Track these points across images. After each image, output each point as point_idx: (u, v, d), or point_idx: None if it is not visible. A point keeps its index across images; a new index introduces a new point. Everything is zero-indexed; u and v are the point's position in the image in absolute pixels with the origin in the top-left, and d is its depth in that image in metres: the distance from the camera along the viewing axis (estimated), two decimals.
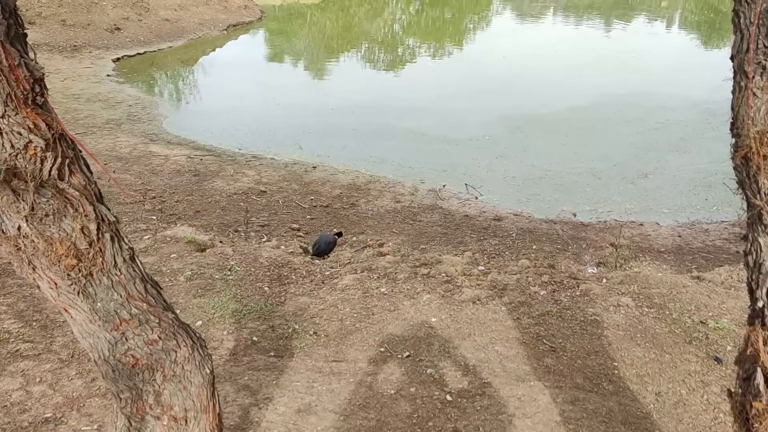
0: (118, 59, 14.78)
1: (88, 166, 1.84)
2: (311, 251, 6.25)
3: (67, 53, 14.53)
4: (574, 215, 8.17)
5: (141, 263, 2.08)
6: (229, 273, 5.14)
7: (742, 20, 1.42)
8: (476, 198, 8.64)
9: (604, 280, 5.33)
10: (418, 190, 8.78)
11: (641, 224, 7.91)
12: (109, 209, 1.90)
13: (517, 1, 27.63)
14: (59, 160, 1.69)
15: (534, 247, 7.18)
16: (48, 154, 1.65)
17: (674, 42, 19.99)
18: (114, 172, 8.62)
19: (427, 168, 9.45)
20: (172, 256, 5.40)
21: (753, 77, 1.37)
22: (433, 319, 4.43)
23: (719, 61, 17.48)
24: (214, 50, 16.88)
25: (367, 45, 18.93)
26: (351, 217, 7.94)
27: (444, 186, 8.88)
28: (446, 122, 11.57)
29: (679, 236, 7.60)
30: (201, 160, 9.53)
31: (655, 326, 4.34)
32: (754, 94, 1.42)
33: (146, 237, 5.89)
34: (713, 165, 9.67)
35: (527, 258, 6.27)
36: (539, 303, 4.67)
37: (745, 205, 1.64)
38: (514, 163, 9.64)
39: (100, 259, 1.87)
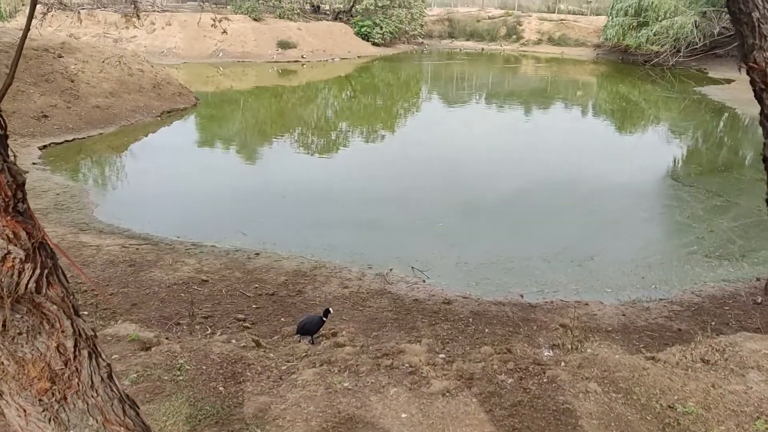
0: (44, 147, 14.26)
1: (65, 275, 1.64)
2: (296, 330, 6.13)
3: None
4: (522, 296, 8.22)
5: (117, 380, 1.85)
6: (178, 373, 4.79)
7: None
8: (423, 281, 8.59)
9: (563, 364, 5.28)
10: (365, 275, 8.65)
11: (586, 304, 8.03)
12: (85, 321, 1.69)
13: (443, 88, 28.82)
14: (38, 271, 1.50)
15: (486, 330, 7.12)
16: (27, 265, 1.46)
17: (593, 128, 21.18)
18: None
19: (379, 255, 9.36)
20: (114, 356, 4.99)
21: None
22: (404, 415, 4.22)
23: (636, 145, 18.64)
24: (147, 136, 16.58)
25: (304, 131, 19.10)
26: (298, 304, 7.69)
27: (391, 270, 8.80)
28: (395, 209, 11.64)
29: (623, 315, 7.73)
30: (136, 249, 9.11)
31: (627, 413, 4.28)
32: None
33: None
34: (650, 245, 10.07)
35: (484, 343, 6.18)
36: (509, 392, 4.54)
37: None
38: (468, 249, 9.71)
39: (76, 379, 1.64)
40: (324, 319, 6.27)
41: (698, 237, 10.22)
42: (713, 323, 7.26)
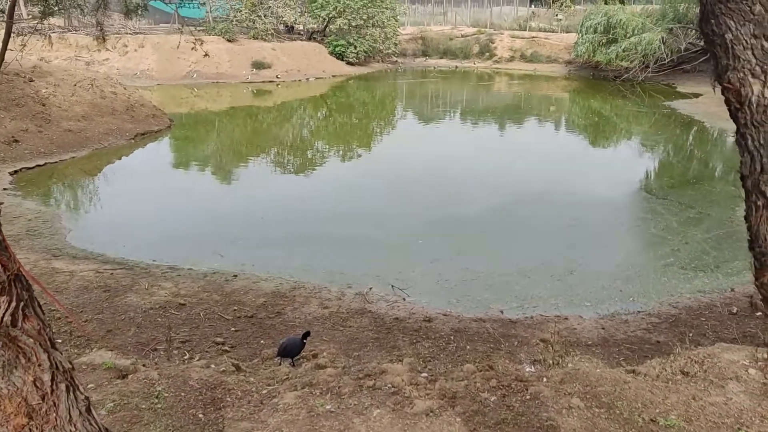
0: (15, 172, 14.02)
1: (41, 306, 1.60)
2: (277, 353, 6.11)
3: None
4: (502, 312, 8.24)
5: (96, 413, 1.80)
6: (156, 401, 4.69)
7: (750, 142, 1.46)
8: (404, 299, 8.57)
9: (545, 379, 5.29)
10: (344, 295, 8.61)
11: (566, 318, 8.08)
12: (62, 354, 1.64)
13: (419, 106, 29.01)
14: (13, 304, 1.45)
15: (468, 347, 7.12)
16: (2, 299, 1.42)
17: (568, 143, 21.43)
18: None
19: (359, 274, 9.32)
20: (89, 386, 4.87)
21: None
22: None
23: (609, 159, 18.92)
24: (120, 159, 16.40)
25: (280, 151, 19.05)
26: (278, 326, 7.62)
27: (371, 289, 8.77)
28: (374, 227, 11.59)
29: (603, 328, 7.79)
30: (111, 274, 8.96)
31: (610, 428, 4.30)
32: None
33: None
34: (628, 258, 10.19)
35: (466, 361, 6.17)
36: (492, 410, 4.53)
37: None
38: (448, 265, 9.72)
39: (54, 414, 1.59)
40: (304, 341, 6.24)
41: (674, 249, 10.36)
42: (691, 334, 7.34)
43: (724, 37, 1.61)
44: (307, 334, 6.38)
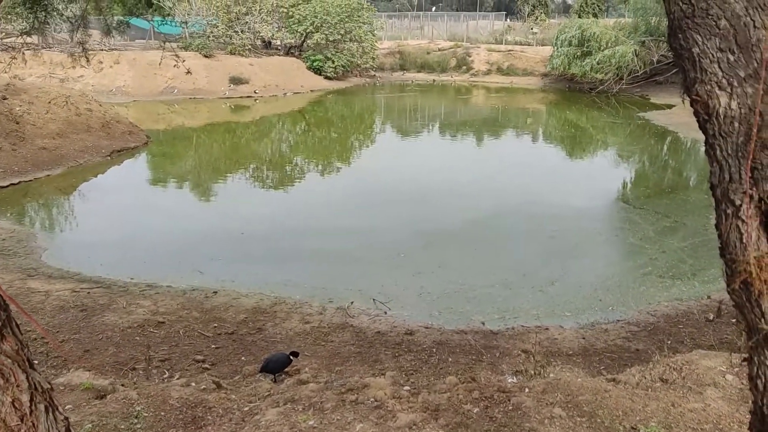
0: None
1: (18, 326, 1.58)
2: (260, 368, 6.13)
3: None
4: (483, 324, 8.27)
5: None
6: (136, 421, 4.63)
7: (718, 152, 1.50)
8: (385, 313, 8.57)
9: (527, 390, 5.31)
10: (326, 309, 8.59)
11: (547, 328, 8.14)
12: (40, 374, 1.63)
13: (397, 120, 29.13)
14: None
15: (450, 360, 7.14)
16: None
17: (545, 154, 21.67)
18: None
19: (341, 288, 9.30)
20: (67, 407, 4.79)
21: (740, 206, 1.42)
22: None
23: (586, 170, 19.15)
24: (96, 177, 16.23)
25: (259, 166, 19.00)
26: (259, 342, 7.57)
27: (352, 303, 8.76)
28: (356, 241, 11.60)
29: (583, 338, 7.86)
30: (88, 293, 8.85)
31: None
32: (743, 221, 1.47)
33: None
34: (608, 267, 10.31)
35: (448, 373, 6.19)
36: (475, 422, 4.53)
37: (744, 327, 1.65)
38: (431, 279, 9.75)
39: None
40: (291, 358, 6.22)
41: (651, 258, 10.50)
42: (669, 342, 7.44)
43: (691, 51, 1.66)
44: (295, 354, 6.39)
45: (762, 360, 1.61)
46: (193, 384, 5.64)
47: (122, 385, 5.46)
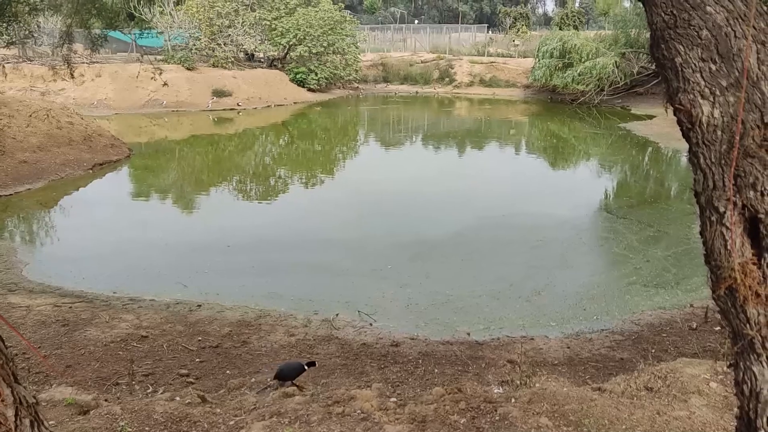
0: None
1: (3, 341, 1.56)
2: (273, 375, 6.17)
3: None
4: (468, 334, 8.28)
5: None
6: None
7: (702, 160, 1.52)
8: (371, 324, 8.55)
9: (513, 400, 5.31)
10: (311, 322, 8.55)
11: (532, 338, 8.16)
12: (26, 388, 1.60)
13: (381, 131, 29.20)
14: None
15: (436, 371, 7.14)
16: None
17: (529, 165, 21.81)
18: None
19: (326, 300, 9.27)
20: (50, 422, 4.70)
21: (724, 213, 1.44)
22: None
23: (569, 180, 19.29)
24: (78, 190, 16.06)
25: (243, 179, 18.93)
26: (244, 356, 7.52)
27: (337, 315, 8.72)
28: (342, 253, 11.56)
29: (568, 347, 7.89)
30: (70, 307, 8.74)
31: None
32: (727, 228, 1.49)
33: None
34: (592, 277, 10.37)
35: (435, 384, 6.17)
36: None
37: (729, 333, 1.66)
38: (418, 290, 9.74)
39: None
40: (306, 368, 6.26)
41: (636, 267, 10.58)
42: (653, 350, 7.49)
43: (674, 60, 1.69)
44: (312, 364, 6.42)
45: (747, 365, 1.63)
46: (178, 398, 5.58)
47: (105, 400, 5.39)
